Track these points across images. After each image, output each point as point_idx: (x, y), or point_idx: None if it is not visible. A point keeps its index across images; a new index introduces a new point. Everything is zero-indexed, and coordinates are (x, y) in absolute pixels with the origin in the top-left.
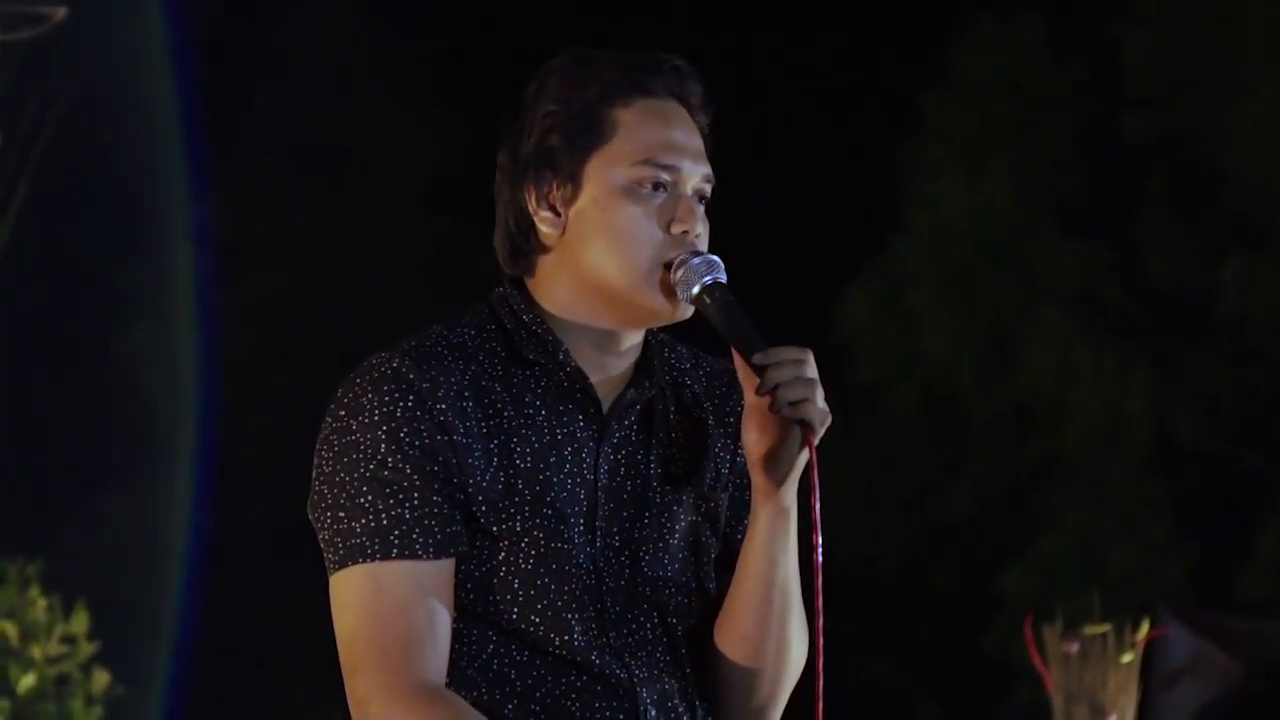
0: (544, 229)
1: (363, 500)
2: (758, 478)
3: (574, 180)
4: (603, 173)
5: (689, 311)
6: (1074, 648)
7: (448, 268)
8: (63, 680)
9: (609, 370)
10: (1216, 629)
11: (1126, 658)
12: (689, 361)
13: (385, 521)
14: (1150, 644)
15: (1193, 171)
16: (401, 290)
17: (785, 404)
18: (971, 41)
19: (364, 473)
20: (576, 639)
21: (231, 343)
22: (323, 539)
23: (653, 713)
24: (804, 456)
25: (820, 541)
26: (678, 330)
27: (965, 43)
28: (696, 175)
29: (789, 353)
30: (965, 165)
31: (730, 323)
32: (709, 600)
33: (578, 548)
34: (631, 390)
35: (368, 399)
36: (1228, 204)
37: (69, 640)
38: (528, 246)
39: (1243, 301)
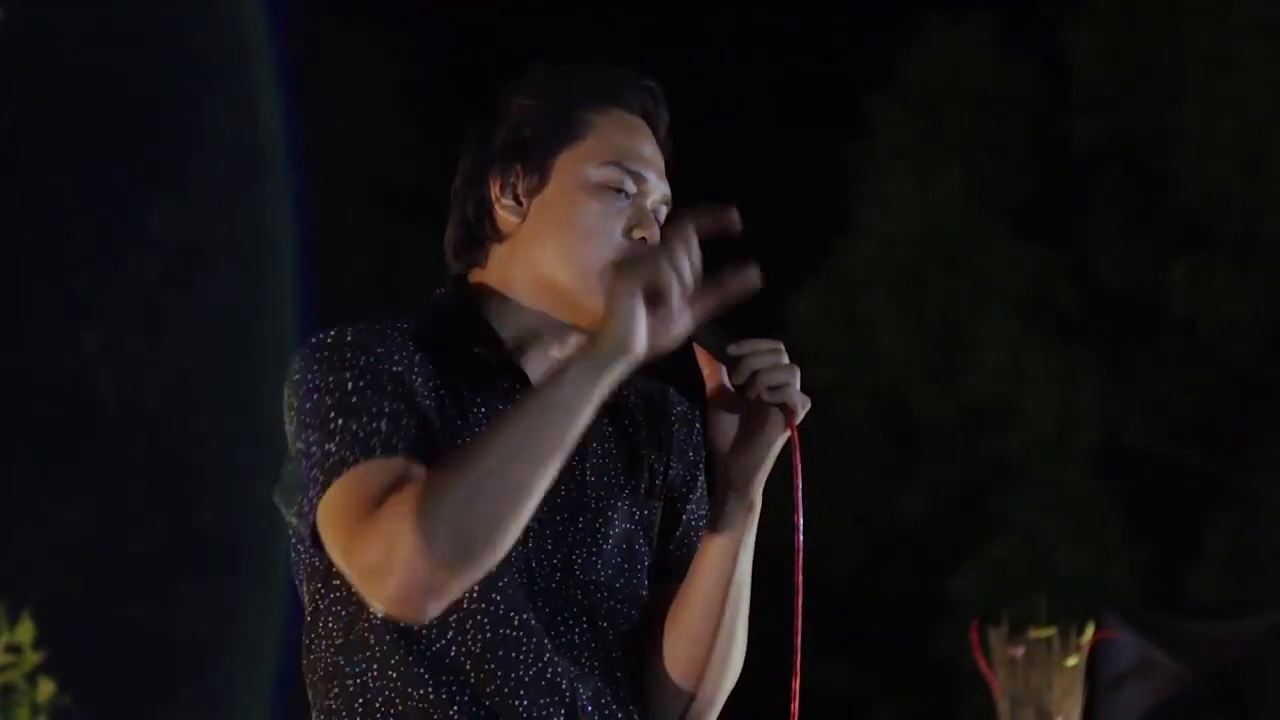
0: (504, 216)
1: (332, 425)
2: (728, 471)
3: (542, 172)
4: (572, 168)
5: None
6: (1019, 651)
7: (400, 272)
8: (8, 689)
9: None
10: (1163, 632)
11: (1071, 661)
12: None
13: (362, 434)
14: (1096, 647)
15: (1142, 173)
16: (353, 294)
17: (766, 389)
18: (921, 45)
19: (332, 404)
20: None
21: (183, 348)
22: (305, 485)
23: (589, 709)
24: (779, 444)
25: (801, 523)
26: None
27: (915, 46)
28: (658, 192)
29: (763, 343)
30: (915, 168)
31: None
32: (642, 607)
33: (511, 548)
34: None
35: (327, 358)
36: (1177, 205)
37: (14, 649)
38: (482, 234)
39: (1192, 302)
